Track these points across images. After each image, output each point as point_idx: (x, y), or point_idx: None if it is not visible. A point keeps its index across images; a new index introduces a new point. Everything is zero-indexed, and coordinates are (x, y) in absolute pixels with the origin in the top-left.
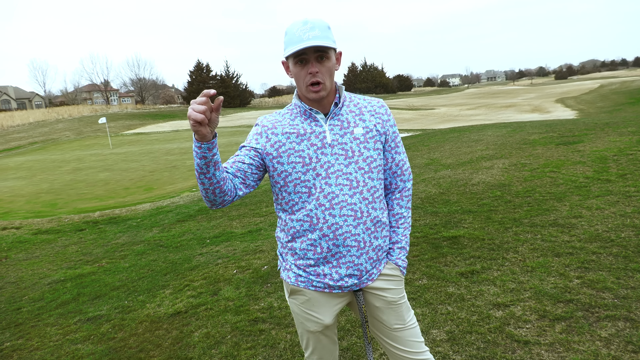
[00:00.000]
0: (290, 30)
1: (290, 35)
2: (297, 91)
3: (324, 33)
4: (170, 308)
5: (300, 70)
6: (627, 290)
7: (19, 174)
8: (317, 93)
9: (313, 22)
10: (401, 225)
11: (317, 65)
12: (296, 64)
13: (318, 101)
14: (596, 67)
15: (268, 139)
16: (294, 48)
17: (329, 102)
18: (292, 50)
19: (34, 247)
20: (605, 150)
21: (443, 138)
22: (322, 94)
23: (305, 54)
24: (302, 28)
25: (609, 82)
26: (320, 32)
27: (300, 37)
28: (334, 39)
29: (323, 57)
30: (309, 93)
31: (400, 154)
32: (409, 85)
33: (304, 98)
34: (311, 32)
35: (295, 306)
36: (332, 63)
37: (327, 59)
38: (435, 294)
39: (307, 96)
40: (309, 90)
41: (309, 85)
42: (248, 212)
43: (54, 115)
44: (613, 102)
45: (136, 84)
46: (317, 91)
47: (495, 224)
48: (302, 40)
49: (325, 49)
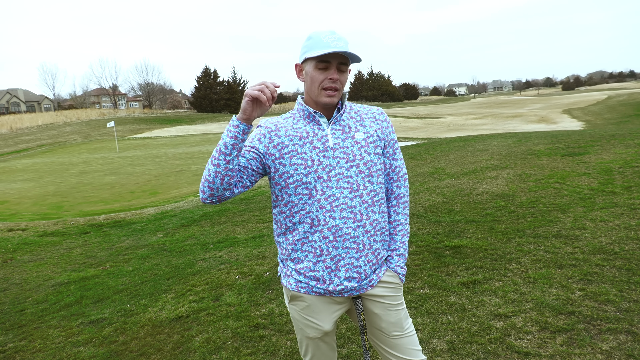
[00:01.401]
0: (316, 35)
1: (316, 40)
2: (301, 96)
3: (348, 47)
4: (172, 312)
5: (319, 74)
6: (630, 303)
7: (26, 176)
8: (332, 98)
9: (339, 34)
10: (399, 232)
11: (338, 73)
12: (317, 68)
13: (326, 106)
14: (604, 79)
15: (271, 139)
16: (322, 51)
17: (333, 107)
18: (320, 53)
19: (39, 249)
20: (610, 162)
21: (448, 147)
22: (335, 100)
23: (330, 61)
24: (330, 36)
25: (617, 94)
26: (345, 45)
27: (327, 43)
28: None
29: (344, 67)
30: (323, 97)
31: (397, 160)
32: (416, 93)
33: (310, 102)
34: (338, 42)
35: (295, 312)
36: (347, 75)
37: (346, 71)
38: (437, 304)
39: (319, 100)
40: (323, 94)
41: (325, 88)
42: (252, 217)
43: (63, 118)
44: (620, 113)
45: (144, 89)
46: (332, 96)
47: (499, 234)
48: (329, 46)
49: (347, 61)
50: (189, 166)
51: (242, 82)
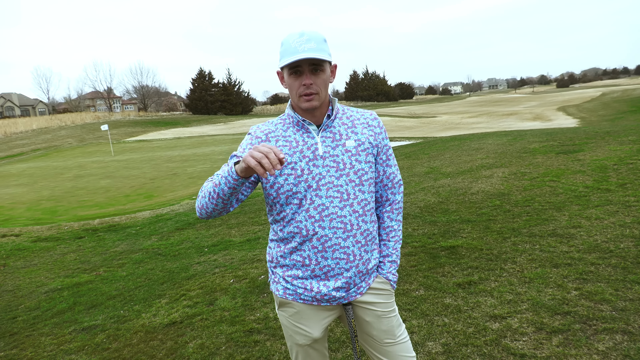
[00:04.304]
0: (287, 41)
1: (286, 46)
2: (290, 101)
3: (320, 45)
4: (165, 318)
5: (294, 81)
6: (626, 302)
7: (20, 181)
8: (310, 102)
9: (309, 35)
10: (392, 238)
11: (312, 77)
12: (291, 75)
13: (311, 112)
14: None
15: None
16: (289, 59)
17: (322, 113)
18: (287, 62)
19: (32, 254)
20: (605, 159)
21: (443, 146)
22: (315, 104)
23: (300, 65)
24: (298, 40)
25: (611, 91)
26: (315, 45)
27: (295, 48)
28: (330, 51)
29: (317, 69)
30: (302, 102)
31: (391, 166)
32: (411, 93)
33: (297, 108)
34: (307, 44)
35: (285, 319)
36: (326, 75)
37: (322, 71)
38: (432, 305)
39: (300, 106)
40: (302, 100)
41: (302, 95)
42: (247, 220)
43: (57, 122)
44: (615, 110)
45: (139, 92)
46: (310, 100)
47: (494, 234)
48: (297, 51)
49: (320, 62)
50: (185, 169)
51: (237, 83)
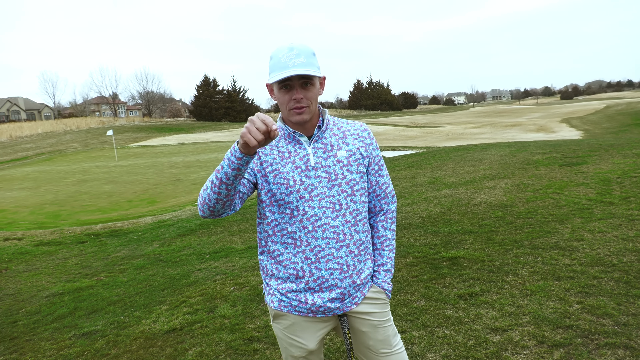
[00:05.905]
0: (276, 56)
1: (276, 61)
2: (281, 115)
3: (309, 60)
4: (165, 325)
5: (284, 96)
6: (628, 317)
7: (24, 185)
8: (301, 115)
9: (299, 49)
10: (386, 247)
11: (302, 91)
12: (281, 89)
13: (301, 124)
14: (602, 88)
15: (259, 156)
16: (279, 75)
17: (313, 125)
18: (278, 78)
19: (34, 258)
20: (609, 172)
21: (446, 156)
22: (306, 117)
23: (291, 80)
24: (288, 54)
25: (615, 103)
26: (305, 59)
27: (285, 63)
28: (319, 65)
29: (308, 83)
30: (293, 116)
31: (383, 176)
32: (415, 102)
33: (287, 121)
34: (297, 59)
35: (279, 331)
36: (316, 89)
37: (312, 85)
38: (433, 316)
39: (290, 119)
40: (292, 113)
41: (292, 108)
42: (249, 227)
43: (62, 126)
44: (619, 122)
45: (144, 97)
46: (301, 113)
47: (496, 245)
48: (287, 67)
49: (310, 77)
50: (188, 175)
51: (242, 90)
